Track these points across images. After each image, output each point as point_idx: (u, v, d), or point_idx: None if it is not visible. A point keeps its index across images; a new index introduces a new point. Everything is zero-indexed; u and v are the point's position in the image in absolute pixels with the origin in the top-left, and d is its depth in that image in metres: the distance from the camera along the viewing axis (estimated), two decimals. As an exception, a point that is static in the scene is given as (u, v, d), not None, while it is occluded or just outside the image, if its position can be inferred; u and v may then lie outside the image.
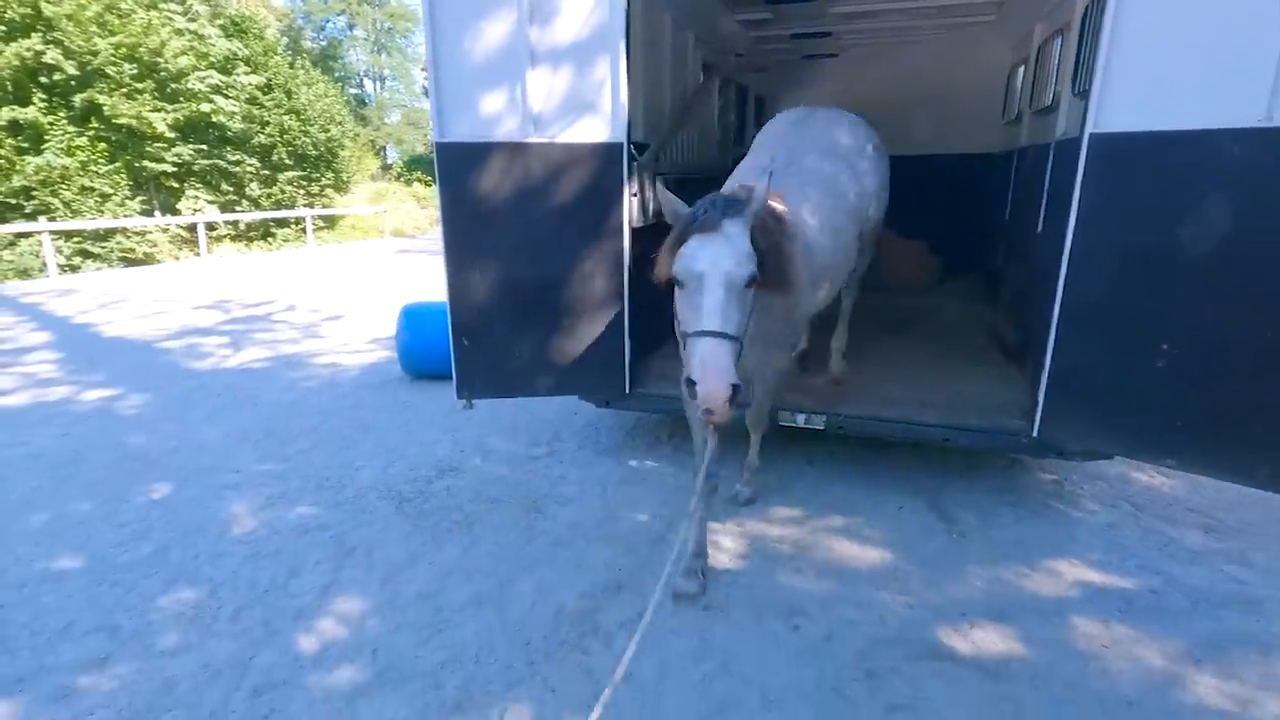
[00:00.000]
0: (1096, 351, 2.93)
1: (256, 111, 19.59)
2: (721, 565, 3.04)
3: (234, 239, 19.30)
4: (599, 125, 3.47)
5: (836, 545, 3.20)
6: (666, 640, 2.54)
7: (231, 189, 19.47)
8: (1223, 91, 2.54)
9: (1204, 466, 2.79)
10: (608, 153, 3.49)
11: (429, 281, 10.83)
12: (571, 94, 3.46)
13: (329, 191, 22.88)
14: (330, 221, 22.40)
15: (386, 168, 34.25)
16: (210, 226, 17.94)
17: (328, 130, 22.17)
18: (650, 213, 4.18)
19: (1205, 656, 2.44)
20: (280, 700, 2.29)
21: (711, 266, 2.14)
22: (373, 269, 14.38)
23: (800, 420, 3.64)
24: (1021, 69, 5.63)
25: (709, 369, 2.04)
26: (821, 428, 3.60)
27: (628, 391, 3.84)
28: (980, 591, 2.83)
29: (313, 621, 2.70)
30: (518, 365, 3.72)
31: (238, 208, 19.42)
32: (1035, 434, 3.20)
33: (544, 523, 3.44)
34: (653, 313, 4.23)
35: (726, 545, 3.20)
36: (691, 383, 2.08)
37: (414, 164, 32.15)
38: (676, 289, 2.28)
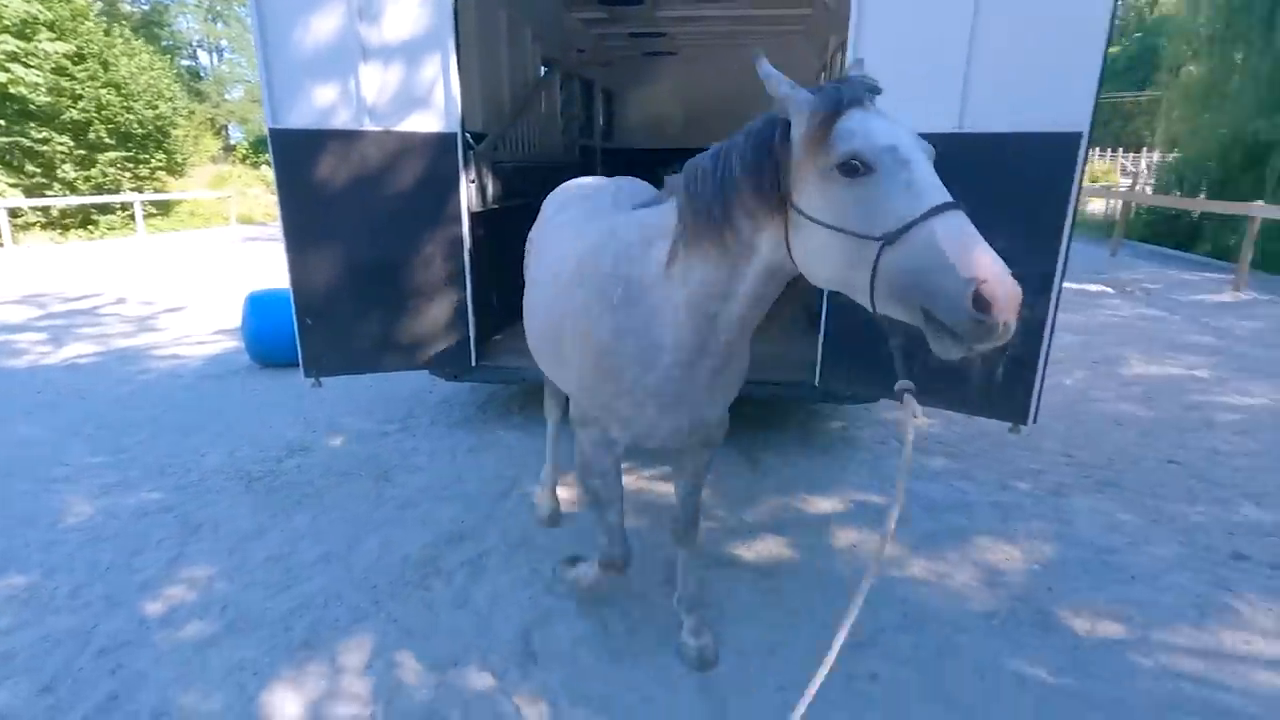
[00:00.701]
0: (854, 311, 3.60)
1: (66, 84, 17.57)
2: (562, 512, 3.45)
3: (45, 227, 17.28)
4: (434, 117, 3.73)
5: (659, 489, 3.70)
6: (497, 576, 2.92)
7: (39, 170, 17.39)
8: (937, 103, 3.23)
9: (942, 403, 3.52)
10: (443, 142, 3.75)
11: (281, 270, 10.42)
12: (405, 87, 3.69)
13: (161, 175, 20.94)
14: (164, 208, 20.53)
15: (230, 149, 31.65)
16: (14, 213, 15.98)
17: (156, 106, 20.25)
18: (489, 198, 4.47)
19: (923, 546, 3.16)
20: (127, 657, 2.44)
21: (903, 137, 1.38)
22: (216, 258, 13.51)
23: None
24: (823, 75, 6.43)
25: (983, 248, 1.25)
26: None
27: (474, 365, 4.14)
28: (768, 514, 3.43)
29: (159, 590, 2.83)
30: (364, 343, 3.92)
31: (48, 192, 17.38)
32: (817, 384, 3.86)
33: (393, 489, 3.69)
34: (496, 291, 4.56)
35: (562, 496, 3.61)
36: (981, 300, 1.19)
37: (262, 145, 29.94)
38: (829, 189, 1.41)
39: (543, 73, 6.11)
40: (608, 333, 1.92)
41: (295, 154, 3.61)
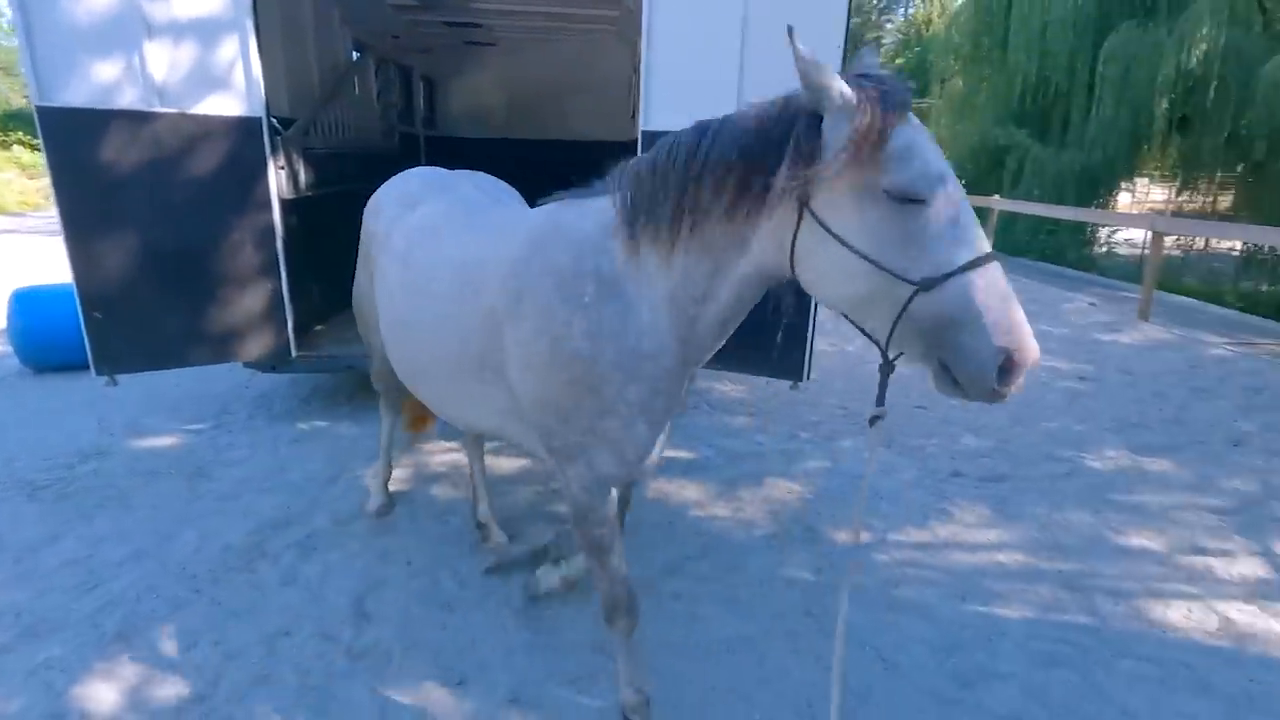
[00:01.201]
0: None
1: None
2: (392, 489, 3.55)
3: None
4: (233, 100, 3.61)
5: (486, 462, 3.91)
6: (327, 554, 2.99)
7: None
8: (720, 104, 3.71)
9: (735, 366, 4.03)
10: (245, 126, 3.65)
11: (51, 266, 9.13)
12: (200, 68, 3.54)
13: None
14: (-122, 193, 16.93)
15: (-33, 125, 26.57)
16: None
17: None
18: (303, 185, 4.39)
19: (724, 490, 3.66)
20: (-102, 677, 2.25)
21: (947, 164, 1.31)
22: (-40, 253, 11.49)
23: None
24: (634, 77, 6.89)
25: (1016, 308, 1.23)
26: None
27: (294, 355, 4.07)
28: (591, 475, 3.77)
29: (-70, 608, 2.59)
30: (166, 336, 3.72)
31: None
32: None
33: (210, 484, 3.58)
34: (315, 279, 4.49)
35: (398, 475, 3.71)
36: (1008, 367, 1.20)
37: (12, 121, 25.49)
38: (868, 210, 1.29)
39: (355, 57, 5.98)
40: (582, 338, 1.64)
41: (72, 135, 3.35)
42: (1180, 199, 14.71)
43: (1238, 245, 11.99)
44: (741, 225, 1.48)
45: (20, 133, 23.89)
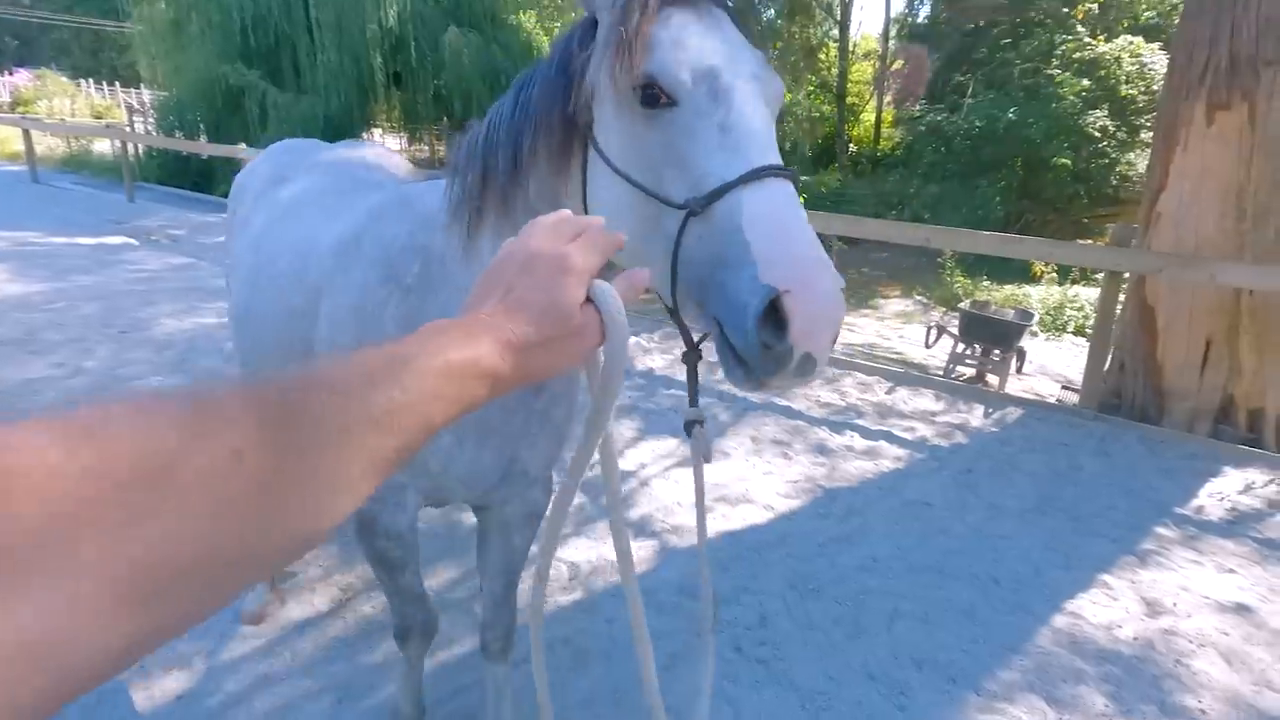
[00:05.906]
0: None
1: None
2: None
3: None
4: None
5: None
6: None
7: None
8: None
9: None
10: None
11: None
12: None
13: None
14: None
15: None
16: None
17: None
18: None
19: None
20: None
21: (735, 58, 0.97)
22: None
23: None
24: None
25: (803, 239, 0.84)
26: None
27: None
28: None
29: None
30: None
31: None
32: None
33: None
34: None
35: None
36: (777, 317, 0.79)
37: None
38: (625, 123, 0.99)
39: None
40: (393, 325, 1.35)
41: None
42: (412, 149, 15.84)
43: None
44: (557, 181, 1.13)
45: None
